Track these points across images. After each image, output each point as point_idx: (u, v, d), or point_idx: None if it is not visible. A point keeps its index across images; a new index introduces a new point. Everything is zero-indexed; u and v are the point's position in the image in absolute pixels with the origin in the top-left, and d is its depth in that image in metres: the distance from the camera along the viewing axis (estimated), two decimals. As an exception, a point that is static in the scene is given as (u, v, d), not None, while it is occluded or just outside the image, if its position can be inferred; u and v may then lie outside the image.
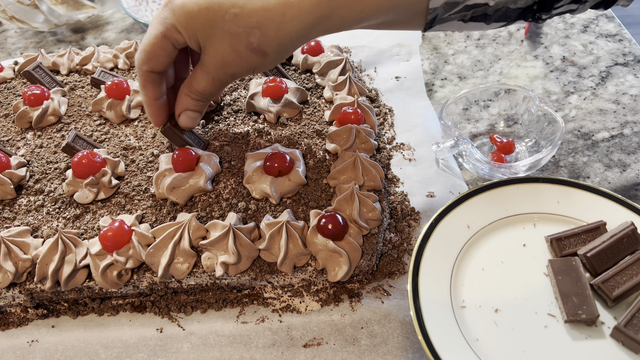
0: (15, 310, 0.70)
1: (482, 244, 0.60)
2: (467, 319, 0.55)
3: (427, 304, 0.55)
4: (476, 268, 0.59)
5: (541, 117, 0.83)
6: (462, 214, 0.61)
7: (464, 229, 0.60)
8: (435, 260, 0.58)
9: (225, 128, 0.81)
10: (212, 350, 0.65)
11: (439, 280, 0.57)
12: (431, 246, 0.59)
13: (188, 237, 0.64)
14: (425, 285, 0.56)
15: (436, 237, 0.59)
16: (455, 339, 0.53)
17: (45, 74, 0.91)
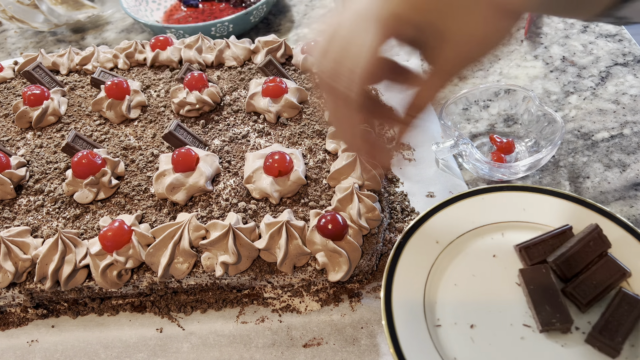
0: (15, 310, 0.70)
1: (453, 259, 0.59)
2: (443, 337, 0.54)
3: (401, 326, 0.53)
4: (448, 284, 0.58)
5: (541, 117, 0.83)
6: (429, 230, 0.60)
7: (433, 244, 0.59)
8: (406, 280, 0.57)
9: (225, 128, 0.81)
10: (212, 350, 0.65)
11: (412, 300, 0.55)
12: (402, 265, 0.58)
13: (188, 237, 0.64)
14: (399, 306, 0.55)
15: (406, 255, 0.58)
16: (431, 357, 0.52)
17: (45, 73, 0.91)
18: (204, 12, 1.25)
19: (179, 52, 0.94)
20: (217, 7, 1.26)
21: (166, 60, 0.93)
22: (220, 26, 1.10)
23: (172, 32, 1.09)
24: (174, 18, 1.25)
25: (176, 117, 0.84)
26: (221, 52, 0.93)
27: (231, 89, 0.88)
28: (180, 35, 1.09)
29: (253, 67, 0.92)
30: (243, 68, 0.92)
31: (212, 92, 0.83)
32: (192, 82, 0.83)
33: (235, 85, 0.88)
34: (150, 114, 0.85)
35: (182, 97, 0.82)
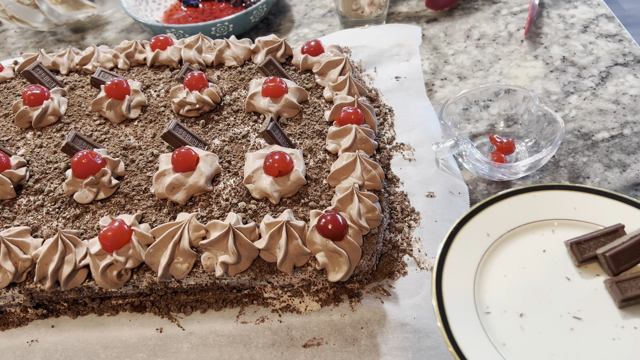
0: (15, 310, 0.70)
1: (502, 251, 0.61)
2: (493, 324, 0.55)
3: (452, 313, 0.55)
4: (498, 275, 0.59)
5: (541, 117, 0.83)
6: (480, 222, 0.62)
7: (484, 237, 0.61)
8: (457, 269, 0.58)
9: (225, 128, 0.81)
10: (212, 350, 0.65)
11: (462, 288, 0.57)
12: (452, 255, 0.59)
13: (188, 237, 0.64)
14: (450, 293, 0.56)
15: (456, 246, 0.60)
16: (483, 344, 0.53)
17: (45, 73, 0.91)
18: (204, 12, 1.25)
19: (179, 52, 0.94)
20: (217, 7, 1.26)
21: (166, 60, 0.93)
22: (220, 26, 1.10)
23: (172, 32, 1.09)
24: (174, 18, 1.25)
25: (176, 117, 0.84)
26: (221, 52, 0.93)
27: (231, 88, 0.88)
28: (180, 35, 1.09)
29: (253, 67, 0.92)
30: (243, 68, 0.92)
31: (212, 92, 0.83)
32: (192, 82, 0.83)
33: (235, 85, 0.88)
34: (150, 113, 0.85)
35: (182, 97, 0.82)
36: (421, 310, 0.65)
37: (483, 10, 1.17)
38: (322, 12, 1.26)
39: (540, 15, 1.13)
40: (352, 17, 1.15)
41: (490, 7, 1.18)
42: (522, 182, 0.82)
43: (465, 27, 1.13)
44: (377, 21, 1.15)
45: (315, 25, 1.22)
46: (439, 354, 0.62)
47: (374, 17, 1.14)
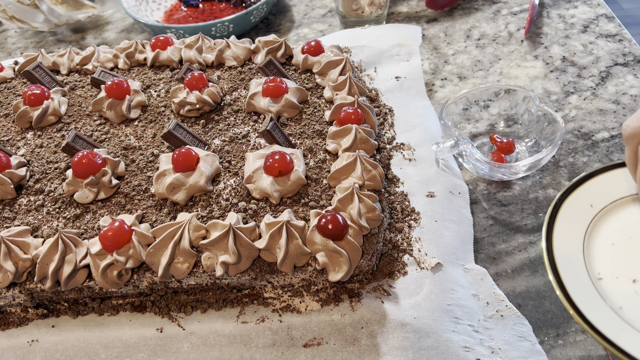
0: (15, 310, 0.70)
1: (607, 221, 0.61)
2: (606, 290, 0.56)
3: (567, 279, 0.55)
4: (605, 244, 0.59)
5: (541, 117, 0.83)
6: (583, 194, 0.62)
7: (587, 208, 0.61)
8: (564, 240, 0.58)
9: (225, 128, 0.81)
10: (212, 350, 0.65)
11: (572, 257, 0.57)
12: (558, 227, 0.59)
13: (188, 237, 0.64)
14: (562, 260, 0.57)
15: (561, 218, 0.60)
16: (601, 308, 0.54)
17: (45, 73, 0.91)
18: (204, 12, 1.25)
19: (179, 52, 0.94)
20: (217, 7, 1.26)
21: (166, 60, 0.93)
22: (220, 26, 1.10)
23: (172, 32, 1.09)
24: (174, 18, 1.25)
25: (176, 117, 0.84)
26: (221, 52, 0.93)
27: (231, 88, 0.88)
28: (181, 35, 1.09)
29: (253, 67, 0.92)
30: (243, 68, 0.92)
31: (212, 92, 0.83)
32: (192, 82, 0.83)
33: (236, 85, 0.88)
34: (150, 113, 0.85)
35: (183, 97, 0.82)
36: (421, 310, 0.65)
37: (483, 10, 1.17)
38: (322, 12, 1.26)
39: (540, 15, 1.13)
40: (352, 17, 1.15)
41: (490, 7, 1.18)
42: (523, 182, 0.82)
43: (465, 27, 1.14)
44: (377, 21, 1.15)
45: (316, 25, 1.22)
46: (439, 354, 0.62)
47: (374, 17, 1.14)
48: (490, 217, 0.78)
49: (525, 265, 0.72)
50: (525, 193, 0.81)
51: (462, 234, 0.74)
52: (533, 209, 0.78)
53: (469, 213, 0.77)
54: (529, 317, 0.66)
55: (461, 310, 0.66)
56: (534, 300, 0.69)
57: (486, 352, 0.63)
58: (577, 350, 0.63)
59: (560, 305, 0.67)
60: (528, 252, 0.74)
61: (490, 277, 0.70)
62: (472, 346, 0.63)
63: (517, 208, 0.79)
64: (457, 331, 0.64)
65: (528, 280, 0.71)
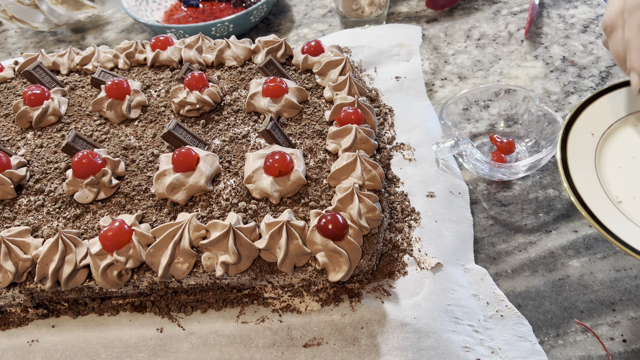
0: (15, 310, 0.70)
1: (609, 146, 0.64)
2: (629, 211, 0.59)
3: (594, 207, 0.58)
4: (614, 167, 0.62)
5: (541, 117, 0.83)
6: (582, 125, 0.65)
7: (589, 137, 0.64)
8: (579, 171, 0.61)
9: (225, 128, 0.81)
10: (212, 350, 0.65)
11: (591, 186, 0.60)
12: (571, 160, 0.62)
13: (188, 237, 0.64)
14: (584, 191, 0.59)
15: (571, 151, 0.62)
16: (631, 228, 0.56)
17: (45, 73, 0.91)
18: (204, 12, 1.25)
19: (179, 52, 0.94)
20: (218, 7, 1.26)
21: (166, 60, 0.93)
22: (220, 26, 1.10)
23: (172, 32, 1.09)
24: (174, 18, 1.25)
25: (176, 117, 0.84)
26: (221, 52, 0.93)
27: (231, 88, 0.88)
28: (181, 35, 1.09)
29: (253, 67, 0.92)
30: (243, 68, 0.92)
31: (212, 92, 0.83)
32: (192, 82, 0.83)
33: (236, 85, 0.88)
34: (150, 113, 0.85)
35: (183, 97, 0.82)
36: (421, 310, 0.65)
37: (483, 10, 1.17)
38: (322, 12, 1.26)
39: (540, 15, 1.13)
40: (352, 17, 1.15)
41: (490, 7, 1.18)
42: (523, 182, 0.82)
43: (465, 27, 1.14)
44: (377, 21, 1.15)
45: (316, 25, 1.22)
46: (439, 354, 0.62)
47: (374, 17, 1.14)
48: (490, 217, 0.78)
49: (525, 265, 0.72)
50: (525, 193, 0.81)
51: (462, 234, 0.74)
52: (533, 209, 0.78)
53: (469, 213, 0.77)
54: (529, 317, 0.66)
55: (461, 310, 0.66)
56: (534, 300, 0.69)
57: (486, 352, 0.63)
58: (577, 350, 0.63)
59: (561, 306, 0.67)
60: (528, 252, 0.74)
61: (490, 277, 0.70)
62: (472, 346, 0.63)
63: (517, 208, 0.79)
64: (457, 331, 0.64)
65: (528, 280, 0.71)
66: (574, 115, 0.65)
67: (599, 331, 0.65)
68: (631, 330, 0.64)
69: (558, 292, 0.69)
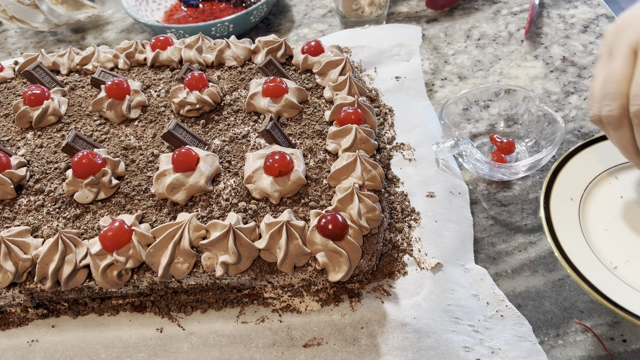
0: (15, 310, 0.70)
1: (589, 209, 0.63)
2: (626, 276, 0.57)
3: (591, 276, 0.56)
4: (599, 231, 0.61)
5: (541, 117, 0.83)
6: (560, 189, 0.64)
7: (569, 202, 0.63)
8: (568, 239, 0.60)
9: (225, 128, 0.81)
10: (212, 350, 0.65)
11: (583, 253, 0.59)
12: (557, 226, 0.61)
13: (188, 237, 0.64)
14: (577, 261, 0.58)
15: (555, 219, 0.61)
16: (630, 294, 0.55)
17: (45, 73, 0.91)
18: (204, 12, 1.25)
19: (179, 52, 0.94)
20: (218, 7, 1.26)
21: (166, 60, 0.93)
22: (220, 26, 1.10)
23: (172, 32, 1.09)
24: (174, 18, 1.25)
25: (176, 117, 0.84)
26: (221, 52, 0.93)
27: (231, 88, 0.88)
28: (181, 35, 1.09)
29: (253, 67, 0.92)
30: (243, 68, 0.92)
31: (212, 92, 0.83)
32: (192, 82, 0.83)
33: (236, 85, 0.88)
34: (150, 114, 0.85)
35: (183, 97, 0.82)
36: (421, 310, 0.65)
37: (483, 10, 1.17)
38: (322, 12, 1.26)
39: (540, 15, 1.13)
40: (352, 17, 1.15)
41: (490, 7, 1.18)
42: (522, 182, 0.82)
43: (465, 27, 1.14)
44: (377, 21, 1.15)
45: (316, 25, 1.22)
46: (439, 354, 0.62)
47: (374, 17, 1.14)
48: (490, 217, 0.78)
49: (525, 265, 0.72)
50: (525, 193, 0.80)
51: (462, 234, 0.74)
52: (533, 209, 0.78)
53: (469, 213, 0.77)
54: (529, 317, 0.66)
55: (461, 310, 0.66)
56: (534, 300, 0.69)
57: (486, 352, 0.63)
58: (577, 350, 0.63)
59: (561, 306, 0.67)
60: (528, 252, 0.74)
61: (490, 277, 0.70)
62: (472, 346, 0.63)
63: (517, 208, 0.79)
64: (457, 331, 0.64)
65: (528, 280, 0.71)
66: (549, 182, 0.65)
67: (599, 331, 0.65)
68: (631, 330, 0.64)
69: (558, 292, 0.69)
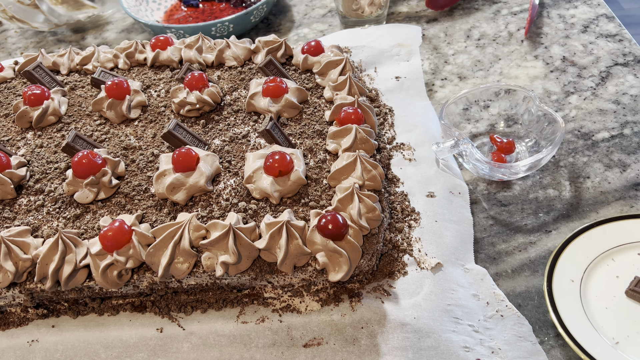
0: (15, 310, 0.70)
1: (588, 290, 0.67)
2: (627, 350, 0.61)
3: (593, 351, 0.60)
4: (601, 309, 0.65)
5: (541, 117, 0.83)
6: (561, 272, 0.68)
7: (570, 284, 0.67)
8: (571, 318, 0.64)
9: (225, 128, 0.81)
10: (212, 350, 0.65)
11: (584, 329, 0.63)
12: (560, 306, 0.65)
13: (188, 237, 0.64)
14: (580, 337, 0.62)
15: (557, 297, 0.65)
16: None
17: (45, 73, 0.91)
18: (204, 12, 1.25)
19: (179, 52, 0.94)
20: (218, 7, 1.26)
21: (166, 60, 0.93)
22: (220, 26, 1.10)
23: (172, 32, 1.09)
24: (174, 18, 1.25)
25: (176, 117, 0.84)
26: (221, 52, 0.93)
27: (231, 88, 0.88)
28: (181, 35, 1.09)
29: (253, 67, 0.92)
30: (243, 68, 0.92)
31: (212, 92, 0.83)
32: (192, 82, 0.83)
33: (236, 85, 0.88)
34: (150, 113, 0.85)
35: (183, 97, 0.82)
36: (421, 310, 0.65)
37: (483, 10, 1.17)
38: (322, 12, 1.26)
39: (540, 15, 1.13)
40: (352, 17, 1.15)
41: (490, 7, 1.18)
42: (523, 182, 0.82)
43: (465, 27, 1.14)
44: (377, 21, 1.15)
45: (316, 25, 1.22)
46: (439, 354, 0.62)
47: (374, 17, 1.14)
48: (490, 217, 0.78)
49: (525, 265, 0.72)
50: (525, 193, 0.81)
51: (462, 234, 0.74)
52: (533, 209, 0.78)
53: (469, 213, 0.77)
54: (529, 317, 0.66)
55: (461, 310, 0.66)
56: (534, 300, 0.69)
57: (486, 352, 0.63)
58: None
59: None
60: (528, 252, 0.74)
61: (490, 277, 0.70)
62: (472, 346, 0.63)
63: (517, 208, 0.79)
64: (457, 331, 0.64)
65: (528, 280, 0.71)
66: (551, 266, 0.68)
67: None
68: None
69: (558, 292, 0.69)
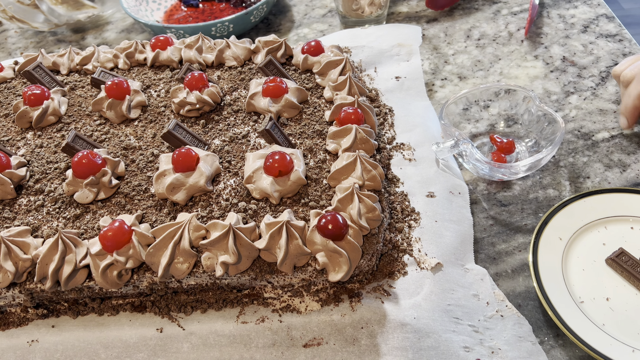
0: (15, 310, 0.70)
1: (574, 250, 0.72)
2: (589, 311, 0.65)
3: (557, 303, 0.65)
4: (577, 270, 0.70)
5: (541, 117, 0.83)
6: (552, 230, 0.73)
7: (558, 241, 0.72)
8: (547, 272, 0.69)
9: (225, 128, 0.81)
10: (212, 350, 0.65)
11: (557, 285, 0.67)
12: (541, 261, 0.69)
13: (188, 237, 0.64)
14: (550, 290, 0.67)
15: (541, 252, 0.70)
16: (588, 327, 0.63)
17: (45, 73, 0.91)
18: (204, 12, 1.25)
19: (179, 52, 0.94)
20: (218, 7, 1.26)
21: (166, 60, 0.93)
22: (220, 26, 1.10)
23: (172, 32, 1.09)
24: (174, 18, 1.25)
25: (176, 117, 0.84)
26: (221, 52, 0.93)
27: (231, 88, 0.88)
28: (181, 35, 1.09)
29: (253, 67, 0.92)
30: (243, 68, 0.92)
31: (212, 92, 0.83)
32: (192, 82, 0.83)
33: (236, 85, 0.88)
34: (150, 114, 0.85)
35: (183, 97, 0.82)
36: (421, 310, 0.65)
37: (483, 10, 1.17)
38: (322, 12, 1.26)
39: (540, 15, 1.13)
40: (352, 17, 1.15)
41: (490, 7, 1.18)
42: (523, 182, 0.82)
43: (465, 27, 1.14)
44: (377, 21, 1.15)
45: (316, 25, 1.22)
46: (439, 354, 0.62)
47: (374, 17, 1.14)
48: (490, 217, 0.78)
49: (526, 265, 0.72)
50: (525, 193, 0.80)
51: (462, 234, 0.74)
52: (533, 209, 0.78)
53: (469, 213, 0.76)
54: (529, 317, 0.66)
55: (461, 310, 0.66)
56: (534, 300, 0.69)
57: (486, 352, 0.63)
58: (577, 350, 0.63)
59: (560, 306, 0.67)
60: (528, 252, 0.74)
61: (490, 277, 0.70)
62: (472, 346, 0.63)
63: (517, 208, 0.79)
64: (457, 331, 0.64)
65: (528, 281, 0.71)
66: (544, 221, 0.73)
67: (599, 331, 0.64)
68: (631, 330, 0.64)
69: (558, 292, 0.69)
